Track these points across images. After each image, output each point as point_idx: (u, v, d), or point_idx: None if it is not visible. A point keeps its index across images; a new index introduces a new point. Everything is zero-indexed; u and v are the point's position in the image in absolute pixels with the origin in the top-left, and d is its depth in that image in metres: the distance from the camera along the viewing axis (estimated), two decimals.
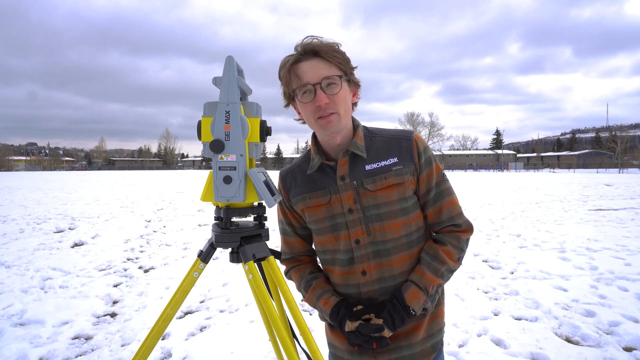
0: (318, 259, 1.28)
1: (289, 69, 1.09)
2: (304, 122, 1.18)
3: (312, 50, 1.06)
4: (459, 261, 1.12)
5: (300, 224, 1.27)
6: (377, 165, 1.10)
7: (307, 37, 1.09)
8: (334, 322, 1.13)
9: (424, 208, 1.15)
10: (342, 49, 1.11)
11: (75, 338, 3.10)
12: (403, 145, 1.12)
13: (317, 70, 1.05)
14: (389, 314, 1.05)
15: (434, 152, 1.19)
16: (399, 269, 1.10)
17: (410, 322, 1.11)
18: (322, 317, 1.22)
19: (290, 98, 1.15)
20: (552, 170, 62.77)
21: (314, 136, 1.20)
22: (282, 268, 1.30)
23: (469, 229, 1.14)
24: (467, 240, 1.14)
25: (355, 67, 1.13)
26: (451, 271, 1.10)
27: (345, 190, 1.11)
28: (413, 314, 1.06)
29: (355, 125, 1.17)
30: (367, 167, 1.10)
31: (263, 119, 1.21)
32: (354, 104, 1.17)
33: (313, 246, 1.30)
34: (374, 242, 1.09)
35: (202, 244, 6.22)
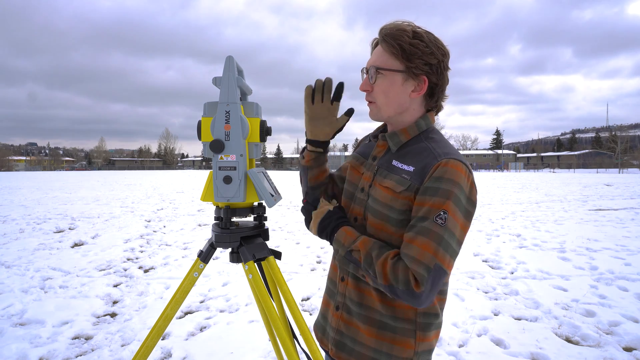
0: None
1: (372, 50, 1.10)
2: None
3: (380, 35, 1.04)
4: (385, 279, 0.93)
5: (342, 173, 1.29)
6: (399, 165, 1.04)
7: (394, 22, 1.04)
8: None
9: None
10: (421, 42, 0.99)
11: (75, 338, 3.09)
12: (426, 161, 0.99)
13: (375, 56, 1.05)
14: (327, 214, 1.10)
15: None
16: None
17: (363, 322, 1.08)
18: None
19: None
20: (552, 170, 62.77)
21: None
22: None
23: (419, 286, 0.89)
24: (409, 290, 0.89)
25: (433, 56, 1.00)
26: (371, 267, 0.95)
27: (369, 170, 1.12)
28: (328, 235, 1.08)
29: (415, 122, 1.07)
30: (393, 162, 1.06)
31: (263, 118, 1.21)
32: (424, 97, 1.06)
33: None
34: (365, 228, 1.09)
35: (202, 244, 6.22)
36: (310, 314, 3.49)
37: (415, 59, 0.99)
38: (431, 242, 0.90)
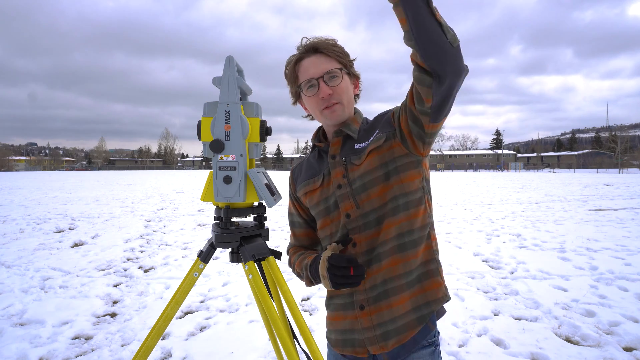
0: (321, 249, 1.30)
1: (293, 67, 1.17)
2: (312, 118, 1.25)
3: (312, 48, 1.14)
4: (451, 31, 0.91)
5: (307, 215, 1.30)
6: (364, 143, 1.14)
7: (304, 37, 1.17)
8: (312, 269, 1.15)
9: (402, 113, 1.07)
10: (344, 47, 1.19)
11: (75, 338, 3.10)
12: (384, 118, 1.16)
13: (318, 65, 1.12)
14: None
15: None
16: (388, 234, 1.09)
17: (393, 295, 1.09)
18: (306, 275, 1.21)
19: (296, 95, 1.22)
20: (552, 170, 62.75)
21: (319, 127, 1.28)
22: (284, 262, 1.30)
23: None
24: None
25: (354, 60, 1.20)
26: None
27: (335, 167, 1.15)
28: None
29: (356, 113, 1.23)
30: (356, 146, 1.15)
31: (263, 118, 1.21)
32: (356, 96, 1.25)
33: (319, 235, 1.30)
34: (364, 214, 1.10)
35: (202, 244, 6.22)
36: (311, 314, 3.49)
37: (347, 60, 1.17)
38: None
